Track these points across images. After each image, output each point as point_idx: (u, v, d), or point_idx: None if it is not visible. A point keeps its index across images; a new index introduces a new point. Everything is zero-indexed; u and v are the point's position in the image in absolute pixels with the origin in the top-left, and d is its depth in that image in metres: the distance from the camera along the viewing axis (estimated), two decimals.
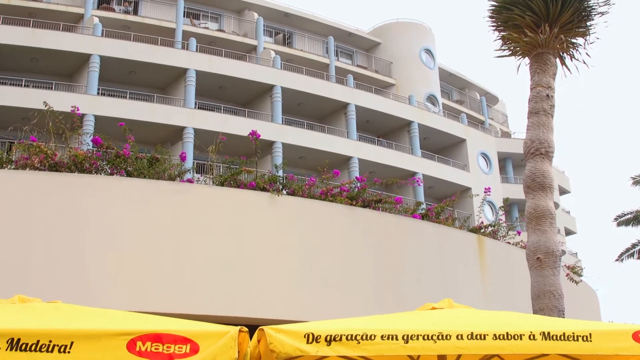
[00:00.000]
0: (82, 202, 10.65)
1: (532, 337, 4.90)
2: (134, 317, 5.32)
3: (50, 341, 4.34)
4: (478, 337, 4.81)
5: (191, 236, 11.00)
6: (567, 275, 15.93)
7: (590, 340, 4.97)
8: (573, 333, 4.96)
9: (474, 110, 54.76)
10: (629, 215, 30.60)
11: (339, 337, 4.58)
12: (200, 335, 4.49)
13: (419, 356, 6.48)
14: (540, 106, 12.67)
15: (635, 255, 30.84)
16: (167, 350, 4.37)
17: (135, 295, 10.30)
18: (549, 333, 4.93)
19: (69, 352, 4.34)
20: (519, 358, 6.46)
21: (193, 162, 22.16)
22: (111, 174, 11.27)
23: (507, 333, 4.86)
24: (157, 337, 4.41)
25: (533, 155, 12.39)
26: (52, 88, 32.49)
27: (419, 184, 32.77)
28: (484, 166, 47.03)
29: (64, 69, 34.00)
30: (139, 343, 4.38)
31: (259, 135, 12.90)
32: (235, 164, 12.57)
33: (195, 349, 4.39)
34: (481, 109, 55.86)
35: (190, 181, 11.94)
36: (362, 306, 11.40)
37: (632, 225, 30.61)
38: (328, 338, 4.57)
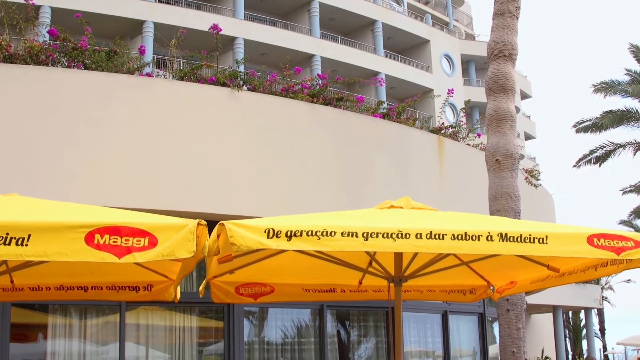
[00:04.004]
0: (39, 95, 10.43)
1: (489, 238, 4.95)
2: (92, 210, 5.28)
3: (8, 234, 4.29)
4: (436, 236, 4.85)
5: (150, 130, 10.89)
6: (526, 178, 16.14)
7: (546, 243, 5.04)
8: (530, 235, 5.02)
9: (438, 11, 54.29)
10: (588, 122, 30.84)
11: (299, 233, 4.59)
12: (158, 228, 4.46)
13: (375, 252, 6.57)
14: (506, 7, 12.57)
15: (592, 162, 31.25)
16: (125, 244, 4.33)
17: (94, 189, 10.24)
18: (506, 234, 4.98)
19: (26, 244, 4.29)
20: (475, 255, 6.59)
21: (153, 57, 21.78)
22: (68, 66, 11.02)
23: (465, 233, 4.90)
24: (115, 230, 4.37)
25: (496, 57, 12.37)
26: None
27: (381, 84, 32.67)
28: (446, 68, 47.02)
29: None
30: (97, 236, 4.34)
31: (220, 30, 12.65)
32: (195, 58, 12.36)
33: (153, 242, 4.37)
34: (446, 10, 55.40)
35: (149, 75, 11.74)
36: (321, 203, 11.46)
37: (590, 132, 30.89)
38: (288, 233, 4.58)
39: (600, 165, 31.04)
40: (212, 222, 4.73)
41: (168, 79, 12.24)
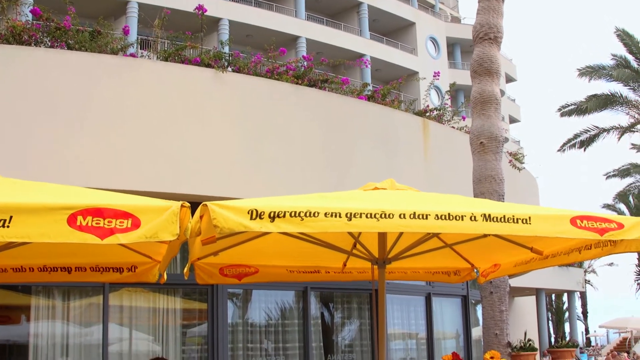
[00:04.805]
0: (22, 75, 10.35)
1: (473, 218, 4.94)
2: (74, 191, 5.23)
3: None
4: (420, 216, 4.83)
5: (134, 110, 10.82)
6: (510, 161, 16.19)
7: (530, 223, 5.03)
8: (513, 216, 5.02)
9: None
10: (573, 106, 30.95)
11: (282, 214, 4.56)
12: (141, 210, 4.42)
13: (359, 235, 6.57)
14: None
15: (577, 146, 31.38)
16: (108, 225, 4.29)
17: (77, 170, 10.18)
18: (489, 215, 4.97)
19: (8, 226, 4.23)
20: (459, 238, 6.59)
21: (137, 37, 21.62)
22: (51, 46, 10.93)
23: (449, 214, 4.89)
24: (98, 212, 4.33)
25: (482, 39, 12.35)
26: None
27: (366, 66, 32.64)
28: (432, 51, 46.99)
29: None
30: (79, 217, 4.29)
31: (205, 10, 12.57)
32: (179, 39, 12.29)
33: (136, 224, 4.32)
34: None
35: (133, 56, 11.66)
36: (305, 185, 11.46)
37: (575, 116, 31.01)
38: (272, 214, 4.55)
39: (585, 150, 31.20)
40: (196, 204, 4.70)
41: (152, 59, 12.17)
